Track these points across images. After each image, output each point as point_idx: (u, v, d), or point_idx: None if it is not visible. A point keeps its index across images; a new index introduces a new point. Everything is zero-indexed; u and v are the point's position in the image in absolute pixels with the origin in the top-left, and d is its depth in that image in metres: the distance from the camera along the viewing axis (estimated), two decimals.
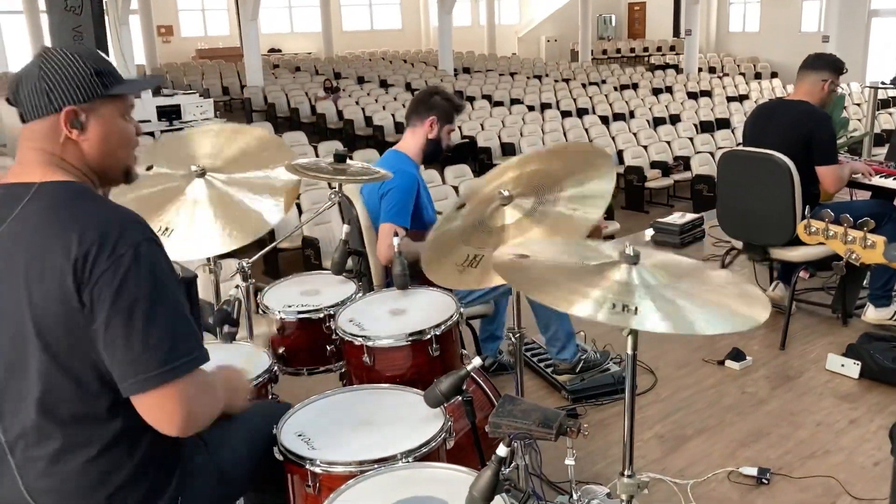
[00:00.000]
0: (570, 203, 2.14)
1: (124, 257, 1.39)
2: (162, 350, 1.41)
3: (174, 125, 11.57)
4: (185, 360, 1.43)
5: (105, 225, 1.41)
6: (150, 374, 1.40)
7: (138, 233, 1.43)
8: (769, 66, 21.94)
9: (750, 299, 1.59)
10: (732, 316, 1.48)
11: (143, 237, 1.43)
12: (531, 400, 1.80)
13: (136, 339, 1.40)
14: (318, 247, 6.60)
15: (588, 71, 20.05)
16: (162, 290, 1.43)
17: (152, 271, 1.42)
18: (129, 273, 1.39)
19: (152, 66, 21.40)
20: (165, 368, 1.41)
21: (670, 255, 1.82)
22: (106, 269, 1.38)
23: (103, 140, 1.53)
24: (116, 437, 1.49)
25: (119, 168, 1.60)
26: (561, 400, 3.50)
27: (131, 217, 1.46)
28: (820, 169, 3.85)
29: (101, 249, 1.38)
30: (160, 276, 1.44)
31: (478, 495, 1.45)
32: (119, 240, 1.40)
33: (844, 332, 4.13)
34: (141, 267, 1.40)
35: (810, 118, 3.87)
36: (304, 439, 1.81)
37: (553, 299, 1.55)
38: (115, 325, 1.39)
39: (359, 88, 16.35)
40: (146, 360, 1.40)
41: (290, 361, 2.51)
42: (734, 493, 2.82)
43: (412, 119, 3.33)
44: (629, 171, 9.97)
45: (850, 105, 12.63)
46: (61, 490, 1.48)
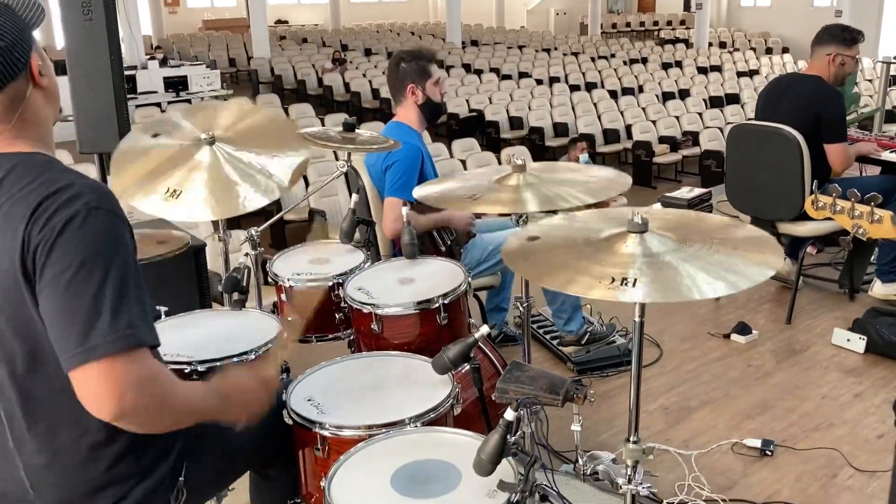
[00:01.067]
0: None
1: (56, 227, 1.29)
2: (85, 326, 1.28)
3: (181, 96, 11.55)
4: (111, 337, 1.28)
5: (47, 194, 1.32)
6: (73, 351, 1.28)
7: (80, 203, 1.31)
8: (780, 41, 21.71)
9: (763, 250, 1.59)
10: (738, 276, 1.47)
11: (85, 207, 1.31)
12: None
13: (61, 315, 1.29)
14: (325, 218, 6.62)
15: (597, 44, 19.89)
16: (95, 262, 1.30)
17: (86, 242, 1.30)
18: (57, 243, 1.29)
19: (158, 37, 21.31)
20: (87, 346, 1.28)
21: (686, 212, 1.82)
22: (40, 241, 1.29)
23: (53, 83, 1.47)
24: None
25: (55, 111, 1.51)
26: (566, 371, 3.53)
27: (80, 186, 1.35)
28: (828, 147, 3.84)
29: (39, 217, 1.30)
30: (97, 247, 1.31)
31: (485, 458, 1.46)
32: (57, 210, 1.30)
33: (851, 308, 4.14)
34: (72, 238, 1.29)
35: (819, 96, 3.85)
36: (314, 404, 1.83)
37: (560, 283, 1.55)
38: (45, 297, 1.30)
39: (366, 61, 16.27)
40: (70, 336, 1.29)
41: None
42: (738, 464, 2.85)
43: (395, 96, 3.28)
44: (637, 145, 9.94)
45: (862, 81, 12.51)
46: (56, 465, 1.45)
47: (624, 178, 2.34)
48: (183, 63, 14.39)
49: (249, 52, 17.54)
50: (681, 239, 1.59)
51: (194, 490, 1.62)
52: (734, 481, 2.74)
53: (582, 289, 1.52)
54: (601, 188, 2.25)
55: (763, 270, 1.51)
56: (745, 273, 1.49)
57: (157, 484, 1.54)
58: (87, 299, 1.29)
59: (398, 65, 3.25)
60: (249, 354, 2.09)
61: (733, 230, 1.71)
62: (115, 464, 1.48)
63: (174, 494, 1.57)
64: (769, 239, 1.66)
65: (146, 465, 1.53)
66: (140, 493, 1.51)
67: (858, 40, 3.97)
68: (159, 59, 13.36)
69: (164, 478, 1.55)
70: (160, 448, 1.56)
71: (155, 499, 1.54)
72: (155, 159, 2.39)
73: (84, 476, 1.47)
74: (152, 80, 11.59)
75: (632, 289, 1.45)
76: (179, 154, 2.38)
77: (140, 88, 11.35)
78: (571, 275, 1.55)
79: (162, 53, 15.54)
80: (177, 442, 1.59)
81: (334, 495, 1.54)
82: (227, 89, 12.62)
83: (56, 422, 1.44)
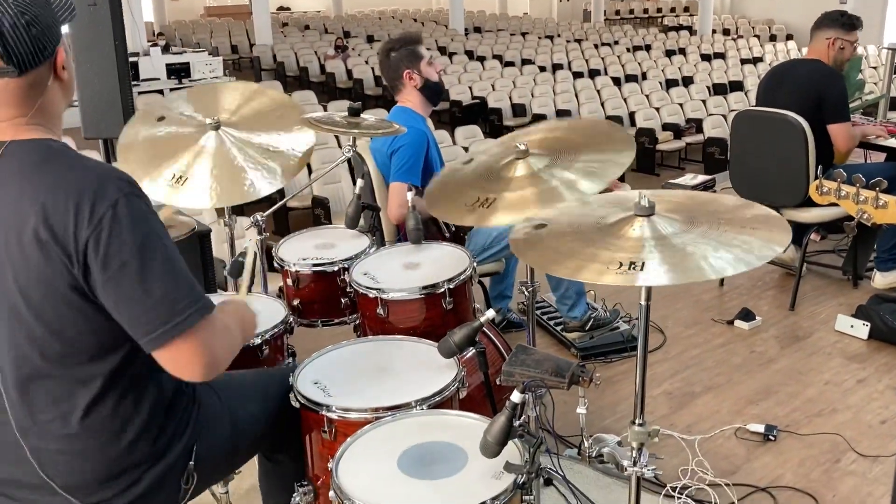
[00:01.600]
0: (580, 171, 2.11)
1: (104, 220, 1.33)
2: (164, 306, 1.37)
3: (183, 83, 11.52)
4: (190, 311, 1.38)
5: (80, 189, 1.34)
6: (158, 332, 1.37)
7: (114, 190, 1.36)
8: (784, 27, 21.60)
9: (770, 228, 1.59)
10: (749, 254, 1.48)
11: (121, 193, 1.36)
12: None
13: (136, 302, 1.36)
14: (327, 206, 6.62)
15: (601, 31, 19.80)
16: (151, 245, 1.37)
17: (136, 228, 1.36)
18: (112, 236, 1.33)
19: (161, 24, 21.25)
20: (172, 324, 1.37)
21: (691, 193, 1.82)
22: (89, 236, 1.33)
23: (70, 76, 1.49)
24: (118, 397, 1.48)
25: (68, 102, 1.53)
26: (570, 357, 3.52)
27: (106, 174, 1.38)
28: (831, 127, 3.83)
29: (80, 216, 1.33)
30: (146, 230, 1.37)
31: (492, 440, 1.47)
32: (96, 202, 1.33)
33: (854, 294, 4.14)
34: (122, 226, 1.34)
35: (820, 76, 3.85)
36: (321, 387, 1.84)
37: (569, 271, 1.55)
38: (112, 292, 1.36)
39: (368, 48, 16.21)
40: (152, 320, 1.37)
41: (305, 313, 2.53)
42: (741, 449, 2.86)
43: (395, 86, 3.26)
44: (641, 133, 9.91)
45: (867, 68, 12.46)
46: (70, 451, 1.46)
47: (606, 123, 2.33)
48: (185, 50, 14.36)
49: (252, 39, 17.49)
50: (688, 220, 1.59)
51: (204, 472, 1.64)
52: (737, 466, 2.76)
53: (592, 275, 1.51)
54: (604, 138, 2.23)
55: (773, 247, 1.50)
56: (756, 250, 1.49)
57: (168, 468, 1.55)
58: (159, 280, 1.37)
59: (388, 55, 3.24)
60: (256, 339, 2.11)
61: (740, 210, 1.71)
62: (128, 449, 1.50)
63: (185, 478, 1.59)
64: (776, 217, 1.66)
65: (158, 450, 1.54)
66: (152, 478, 1.53)
67: (857, 26, 3.99)
68: (161, 46, 13.33)
69: (175, 462, 1.57)
70: (172, 432, 1.57)
71: (166, 483, 1.56)
72: (160, 145, 2.40)
73: (98, 462, 1.48)
74: (154, 66, 11.56)
75: (642, 272, 1.46)
76: (185, 139, 2.39)
77: (142, 75, 11.32)
78: (580, 262, 1.55)
79: (164, 40, 15.48)
80: (188, 426, 1.61)
81: (341, 477, 1.55)
82: (229, 76, 12.60)
83: (71, 408, 1.45)
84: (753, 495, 2.60)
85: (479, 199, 2.09)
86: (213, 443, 1.66)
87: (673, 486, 2.60)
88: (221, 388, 1.76)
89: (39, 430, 1.46)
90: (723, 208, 1.70)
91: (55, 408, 1.45)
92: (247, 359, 2.09)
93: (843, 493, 2.61)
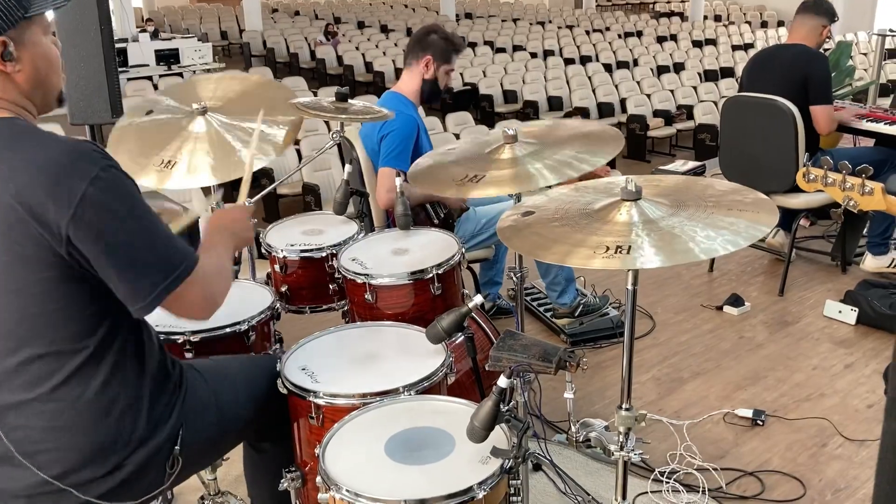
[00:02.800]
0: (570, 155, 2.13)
1: (85, 197, 1.35)
2: (155, 270, 1.43)
3: (172, 69, 11.43)
4: (179, 270, 1.45)
5: (54, 167, 1.35)
6: (151, 296, 1.43)
7: (89, 165, 1.37)
8: (776, 14, 21.58)
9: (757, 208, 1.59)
10: (736, 235, 1.48)
11: (96, 167, 1.38)
12: None
13: (128, 270, 1.41)
14: (318, 193, 6.60)
15: (592, 18, 19.75)
16: (133, 214, 1.42)
17: (116, 199, 1.39)
18: (97, 211, 1.36)
19: (149, 10, 21.07)
20: (163, 285, 1.43)
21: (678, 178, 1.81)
22: (73, 215, 1.35)
23: (36, 67, 1.46)
24: (107, 373, 1.48)
25: (53, 94, 1.54)
26: (560, 343, 3.53)
27: (76, 149, 1.39)
28: (814, 108, 3.85)
29: (58, 195, 1.34)
30: (128, 199, 1.42)
31: (479, 425, 1.47)
32: (73, 180, 1.35)
33: (843, 280, 4.16)
34: (106, 199, 1.37)
35: (806, 58, 3.88)
36: (308, 373, 1.84)
37: (557, 257, 1.56)
38: (103, 264, 1.40)
39: (359, 33, 16.12)
40: (146, 285, 1.43)
41: (293, 299, 2.53)
42: (729, 434, 2.87)
43: (408, 58, 3.26)
44: (632, 119, 9.90)
45: (857, 54, 12.47)
46: (54, 430, 1.46)
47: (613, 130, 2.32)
48: (174, 36, 14.25)
49: (241, 25, 17.37)
50: (675, 204, 1.59)
51: (190, 458, 1.63)
52: (725, 451, 2.77)
53: (580, 260, 1.52)
54: (597, 139, 2.23)
55: (760, 227, 1.51)
56: (743, 231, 1.49)
57: (154, 451, 1.55)
58: (150, 242, 1.43)
59: (428, 34, 3.24)
60: (242, 325, 2.10)
61: (726, 193, 1.71)
62: (114, 430, 1.49)
63: (169, 462, 1.58)
64: (762, 199, 1.66)
65: (144, 432, 1.53)
66: (137, 461, 1.52)
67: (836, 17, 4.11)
68: (150, 32, 13.22)
69: (160, 446, 1.56)
70: (158, 414, 1.57)
71: (151, 466, 1.55)
72: (149, 135, 2.39)
73: (83, 441, 1.47)
74: (143, 53, 11.45)
75: (629, 255, 1.46)
76: (173, 127, 2.37)
77: (131, 61, 11.22)
78: (568, 247, 1.55)
79: (153, 26, 15.37)
80: (174, 410, 1.60)
81: (329, 463, 1.55)
82: (219, 62, 12.51)
83: (56, 385, 1.45)
84: (741, 479, 2.62)
85: (467, 176, 2.15)
86: (199, 427, 1.66)
87: (661, 471, 2.61)
88: (208, 373, 1.76)
89: (25, 408, 1.45)
90: (709, 192, 1.70)
91: (40, 385, 1.45)
92: (234, 345, 2.09)
93: (830, 476, 2.63)
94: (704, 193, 1.67)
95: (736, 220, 1.53)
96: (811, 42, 3.96)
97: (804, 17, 4.00)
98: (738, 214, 1.55)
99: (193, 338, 2.01)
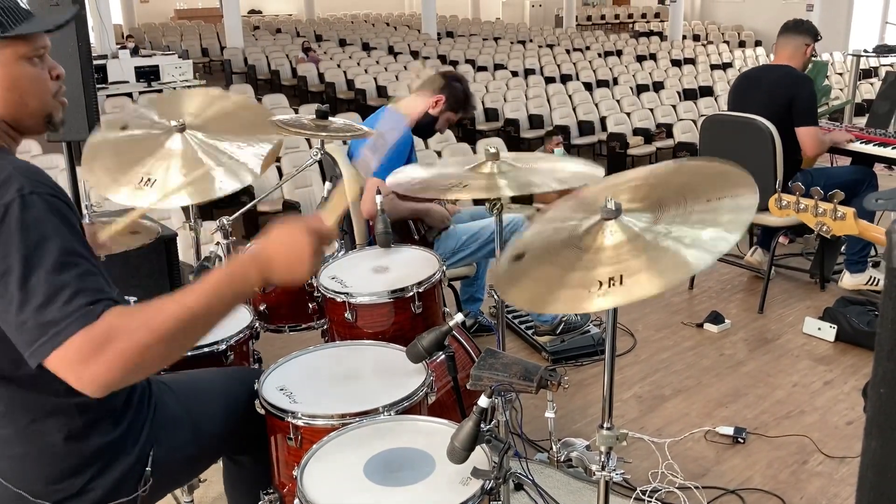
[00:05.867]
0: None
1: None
2: (42, 317, 1.22)
3: (152, 86, 11.37)
4: (64, 323, 1.22)
5: None
6: (34, 346, 1.23)
7: (12, 190, 1.27)
8: (753, 34, 21.89)
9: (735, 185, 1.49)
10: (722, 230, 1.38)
11: (18, 194, 1.26)
12: None
13: (15, 312, 1.23)
14: (299, 210, 6.57)
15: (572, 37, 19.91)
16: (38, 251, 1.25)
17: (25, 232, 1.25)
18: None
19: (130, 26, 21.00)
20: (45, 338, 1.22)
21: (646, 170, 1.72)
22: None
23: (5, 87, 1.38)
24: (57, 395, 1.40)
25: (32, 117, 1.44)
26: (541, 361, 3.53)
27: (10, 173, 1.29)
28: (800, 130, 3.89)
29: None
30: (37, 235, 1.25)
31: (459, 445, 1.45)
32: None
33: (822, 297, 4.19)
34: (11, 231, 1.24)
35: (792, 80, 3.92)
36: (286, 393, 1.81)
37: (561, 305, 1.44)
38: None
39: (340, 51, 16.14)
40: (28, 332, 1.23)
41: (272, 318, 2.50)
42: (710, 452, 2.87)
43: (426, 86, 3.32)
44: (612, 137, 9.96)
45: (833, 74, 12.65)
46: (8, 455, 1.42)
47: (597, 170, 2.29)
48: (155, 53, 14.19)
49: (222, 42, 17.33)
50: (654, 206, 1.50)
51: (162, 478, 1.60)
52: (707, 469, 2.77)
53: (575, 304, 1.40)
54: (573, 177, 2.23)
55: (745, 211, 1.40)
56: (728, 222, 1.39)
57: (122, 474, 1.52)
58: (41, 289, 1.23)
59: (456, 80, 3.34)
60: (221, 344, 2.07)
61: (696, 176, 1.61)
62: (77, 451, 1.46)
63: (140, 483, 1.55)
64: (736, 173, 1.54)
65: (111, 451, 1.50)
66: (106, 483, 1.49)
67: (819, 37, 4.17)
68: (130, 49, 13.15)
69: (130, 467, 1.53)
70: (123, 436, 1.53)
71: (122, 487, 1.52)
72: (126, 151, 2.36)
73: (44, 465, 1.44)
74: (123, 69, 11.38)
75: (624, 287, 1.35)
76: (150, 143, 2.35)
77: (111, 78, 11.15)
78: (564, 290, 1.42)
79: (133, 43, 15.29)
80: (143, 427, 1.57)
81: (307, 485, 1.52)
82: (199, 79, 12.47)
83: (5, 410, 1.41)
84: (722, 498, 2.61)
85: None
86: (171, 445, 1.62)
87: (643, 490, 2.60)
88: (179, 388, 1.72)
89: None
90: (682, 179, 1.60)
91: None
92: (211, 365, 2.06)
93: (811, 494, 2.63)
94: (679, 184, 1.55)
95: (719, 210, 1.43)
96: (796, 61, 4.01)
97: (787, 38, 4.06)
98: (717, 203, 1.45)
99: None
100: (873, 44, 10.11)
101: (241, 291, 1.38)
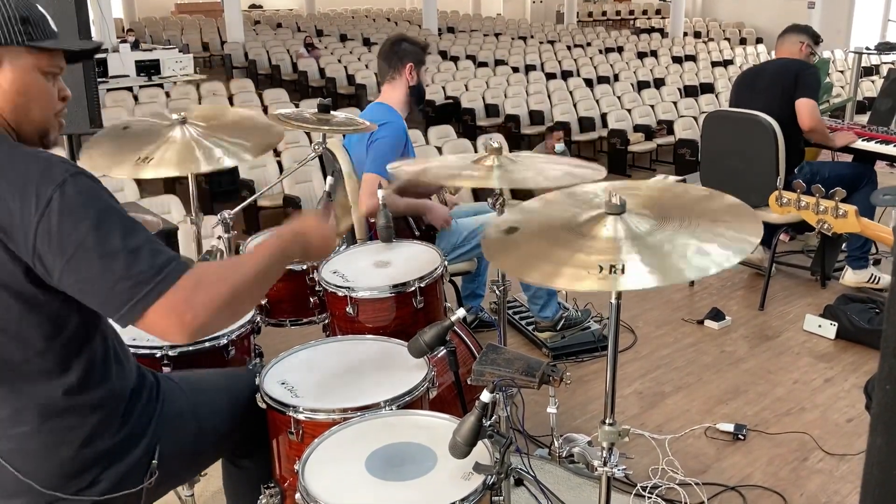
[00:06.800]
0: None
1: (52, 202, 1.29)
2: (130, 280, 1.30)
3: (153, 80, 11.35)
4: (156, 280, 1.32)
5: (23, 175, 1.31)
6: (126, 307, 1.31)
7: (60, 171, 1.32)
8: (754, 31, 21.87)
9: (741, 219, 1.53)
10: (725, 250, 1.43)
11: (66, 174, 1.32)
12: None
13: (101, 280, 1.30)
14: (299, 205, 6.56)
15: (573, 33, 19.88)
16: (106, 221, 1.32)
17: (87, 205, 1.32)
18: (63, 218, 1.29)
19: (130, 20, 20.97)
20: (141, 295, 1.30)
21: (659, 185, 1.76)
22: (39, 221, 1.29)
23: (16, 90, 1.42)
24: (69, 393, 1.44)
25: (32, 127, 1.46)
26: (542, 357, 3.53)
27: (49, 159, 1.35)
28: (799, 101, 3.92)
29: (26, 202, 1.29)
30: (98, 206, 1.33)
31: (461, 440, 1.45)
32: (41, 186, 1.30)
33: (823, 294, 4.19)
34: (73, 206, 1.30)
35: (798, 64, 4.02)
36: (288, 387, 1.81)
37: (543, 276, 1.47)
38: (73, 275, 1.31)
39: (341, 46, 16.12)
40: (119, 295, 1.30)
41: (273, 312, 2.50)
42: (710, 449, 2.87)
43: (388, 72, 3.28)
44: (612, 134, 9.95)
45: (834, 71, 12.64)
46: (22, 451, 1.44)
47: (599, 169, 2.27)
48: (155, 47, 14.17)
49: (223, 37, 17.31)
50: (659, 216, 1.54)
51: (167, 472, 1.61)
52: (707, 465, 2.76)
53: (568, 281, 1.42)
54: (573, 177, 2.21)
55: (748, 239, 1.45)
56: (732, 245, 1.44)
57: (130, 467, 1.53)
58: (120, 255, 1.31)
59: (399, 43, 3.30)
60: (222, 339, 2.07)
61: (708, 202, 1.66)
62: (87, 445, 1.47)
63: (147, 475, 1.56)
64: (742, 207, 1.60)
65: (120, 446, 1.51)
66: (114, 476, 1.50)
67: (820, 40, 4.26)
68: (131, 43, 13.13)
69: (138, 460, 1.54)
70: (133, 428, 1.54)
71: (129, 478, 1.53)
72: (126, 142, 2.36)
73: (56, 460, 1.45)
74: (124, 63, 11.35)
75: (624, 276, 1.38)
76: (151, 134, 2.35)
77: (111, 72, 11.12)
78: (555, 267, 1.46)
79: (134, 37, 15.26)
80: (151, 422, 1.58)
81: (308, 479, 1.52)
82: (200, 74, 12.45)
83: (20, 407, 1.42)
84: (723, 494, 2.61)
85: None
86: (177, 440, 1.63)
87: (643, 486, 2.60)
88: (186, 384, 1.73)
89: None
90: (692, 201, 1.66)
91: (6, 406, 1.42)
92: (213, 359, 2.05)
93: (811, 491, 2.63)
94: (688, 203, 1.63)
95: (723, 231, 1.48)
96: (797, 56, 4.08)
97: (785, 37, 4.20)
98: (723, 225, 1.50)
99: (171, 352, 1.98)
100: (875, 41, 10.10)
101: (285, 262, 1.61)
